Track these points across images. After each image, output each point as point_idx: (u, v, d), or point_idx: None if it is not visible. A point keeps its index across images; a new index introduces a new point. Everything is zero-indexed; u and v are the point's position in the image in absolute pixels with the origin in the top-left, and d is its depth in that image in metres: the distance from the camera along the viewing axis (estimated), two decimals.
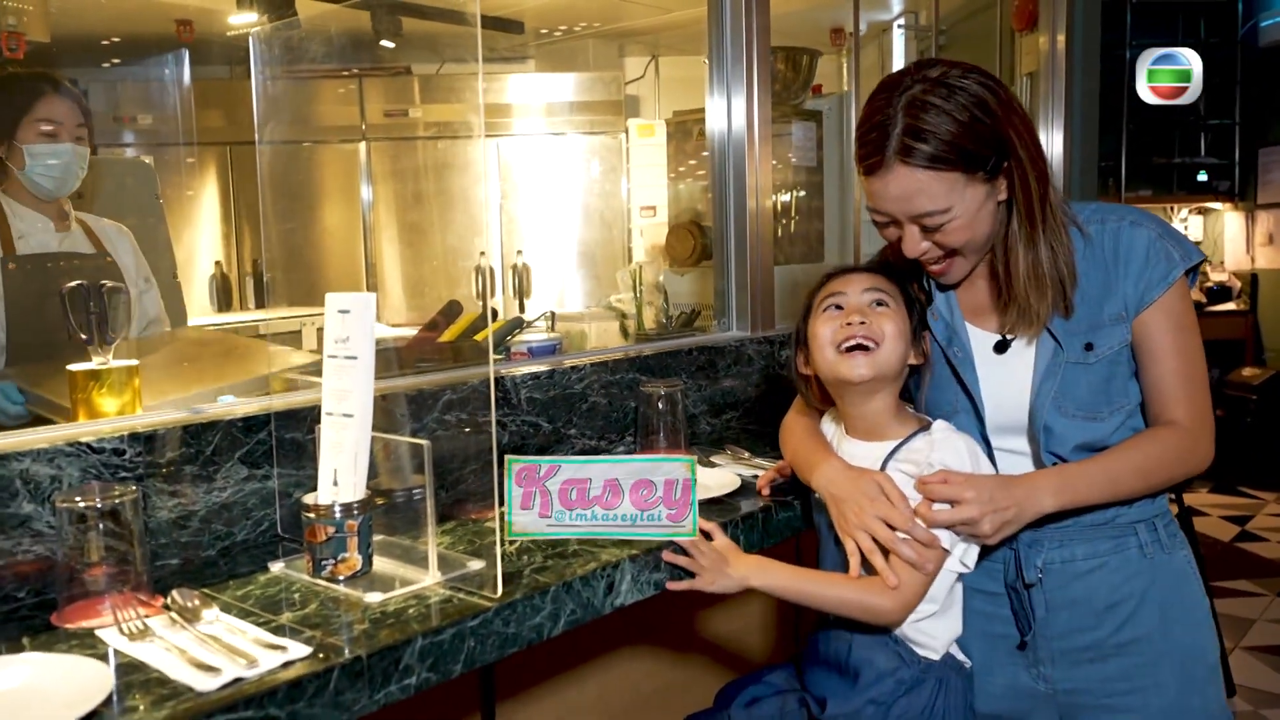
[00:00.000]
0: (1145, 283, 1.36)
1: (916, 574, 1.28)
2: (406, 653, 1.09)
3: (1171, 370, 1.37)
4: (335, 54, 5.02)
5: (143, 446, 1.36)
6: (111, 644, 1.10)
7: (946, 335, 1.45)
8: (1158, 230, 1.39)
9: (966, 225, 1.34)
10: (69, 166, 2.12)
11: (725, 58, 2.28)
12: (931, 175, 1.29)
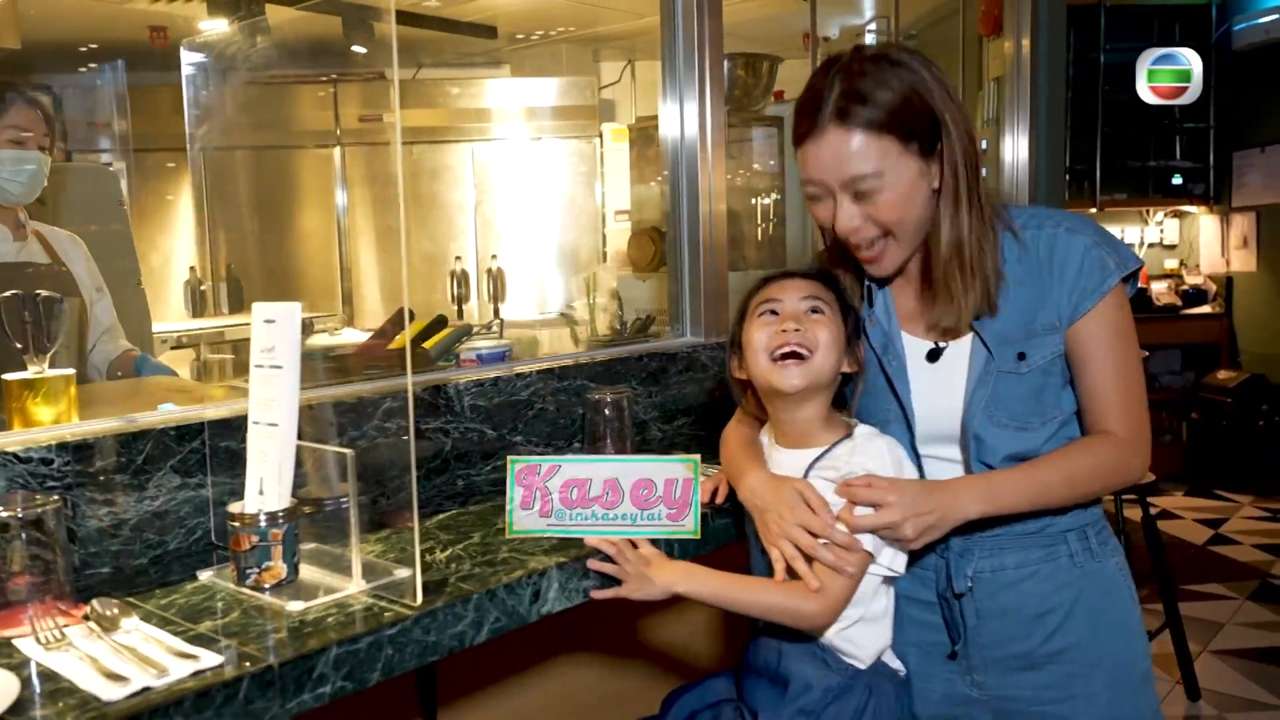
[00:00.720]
0: (1080, 291, 1.35)
1: (839, 578, 1.29)
2: (320, 661, 1.09)
3: (1107, 381, 1.36)
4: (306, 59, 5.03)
5: (72, 456, 1.37)
6: (28, 653, 1.10)
7: (883, 343, 1.44)
8: (1094, 237, 1.38)
9: (900, 199, 1.32)
10: (35, 174, 2.14)
11: (677, 63, 2.30)
12: (866, 137, 1.29)
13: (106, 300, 2.33)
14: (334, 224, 5.37)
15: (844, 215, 1.34)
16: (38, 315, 1.52)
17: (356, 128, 5.35)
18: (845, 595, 1.31)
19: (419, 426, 1.75)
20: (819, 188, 1.36)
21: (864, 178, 1.31)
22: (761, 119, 3.01)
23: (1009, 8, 3.67)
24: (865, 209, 1.33)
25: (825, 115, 1.30)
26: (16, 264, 2.18)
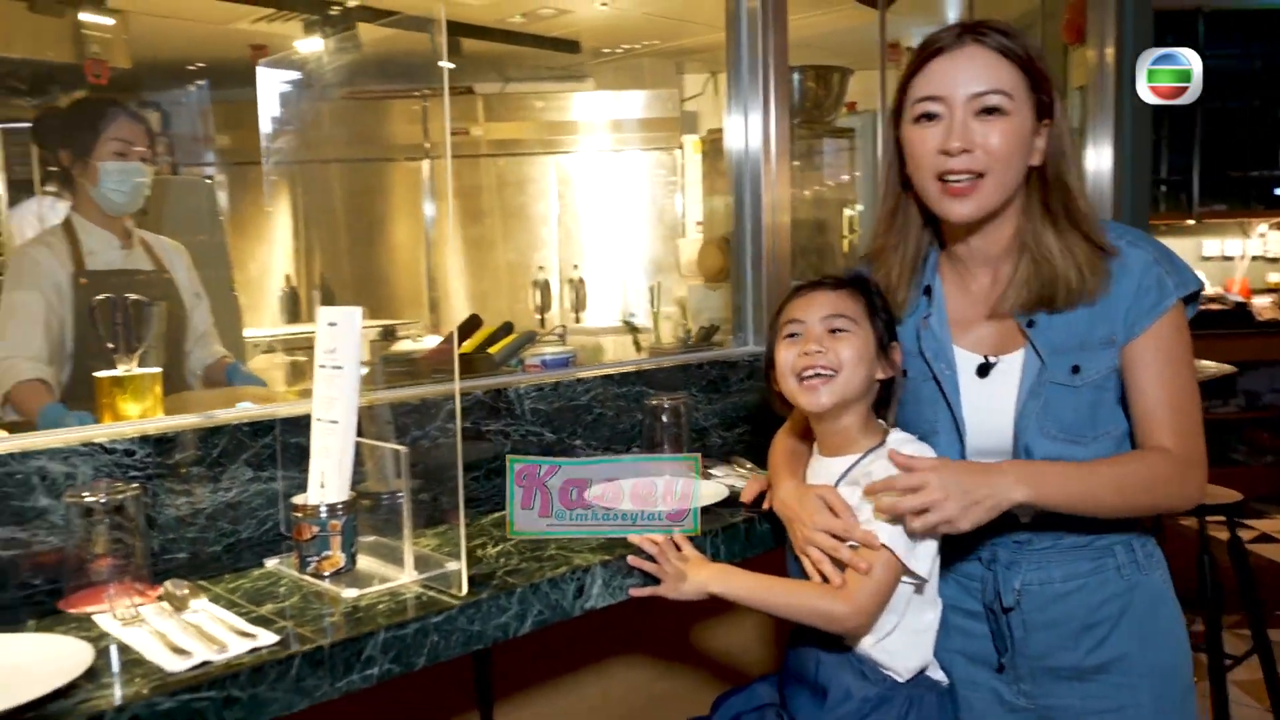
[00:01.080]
0: (1137, 310, 1.35)
1: (866, 580, 1.30)
2: (369, 644, 1.16)
3: (1161, 402, 1.34)
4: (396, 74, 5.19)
5: (154, 448, 1.46)
6: (106, 628, 1.19)
7: (935, 350, 1.44)
8: (1154, 254, 1.37)
9: (1015, 134, 1.32)
10: (139, 185, 2.28)
11: (742, 76, 2.34)
12: (1002, 60, 1.32)
13: (204, 306, 2.46)
14: (422, 234, 5.53)
15: (960, 130, 1.32)
16: (128, 318, 1.64)
17: (444, 141, 5.49)
18: (876, 599, 1.32)
19: (480, 428, 1.82)
20: (940, 104, 1.34)
21: (995, 94, 1.31)
22: (833, 131, 3.02)
23: (1092, 15, 3.60)
24: (983, 131, 1.32)
25: (963, 36, 1.33)
26: (124, 270, 2.33)
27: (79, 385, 2.19)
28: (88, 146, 2.23)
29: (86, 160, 2.23)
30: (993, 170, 1.33)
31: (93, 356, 2.23)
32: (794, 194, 3.12)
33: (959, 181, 1.34)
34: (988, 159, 1.33)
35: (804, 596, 1.34)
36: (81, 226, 2.29)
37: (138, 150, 2.28)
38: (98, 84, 4.53)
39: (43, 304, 2.17)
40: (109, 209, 2.27)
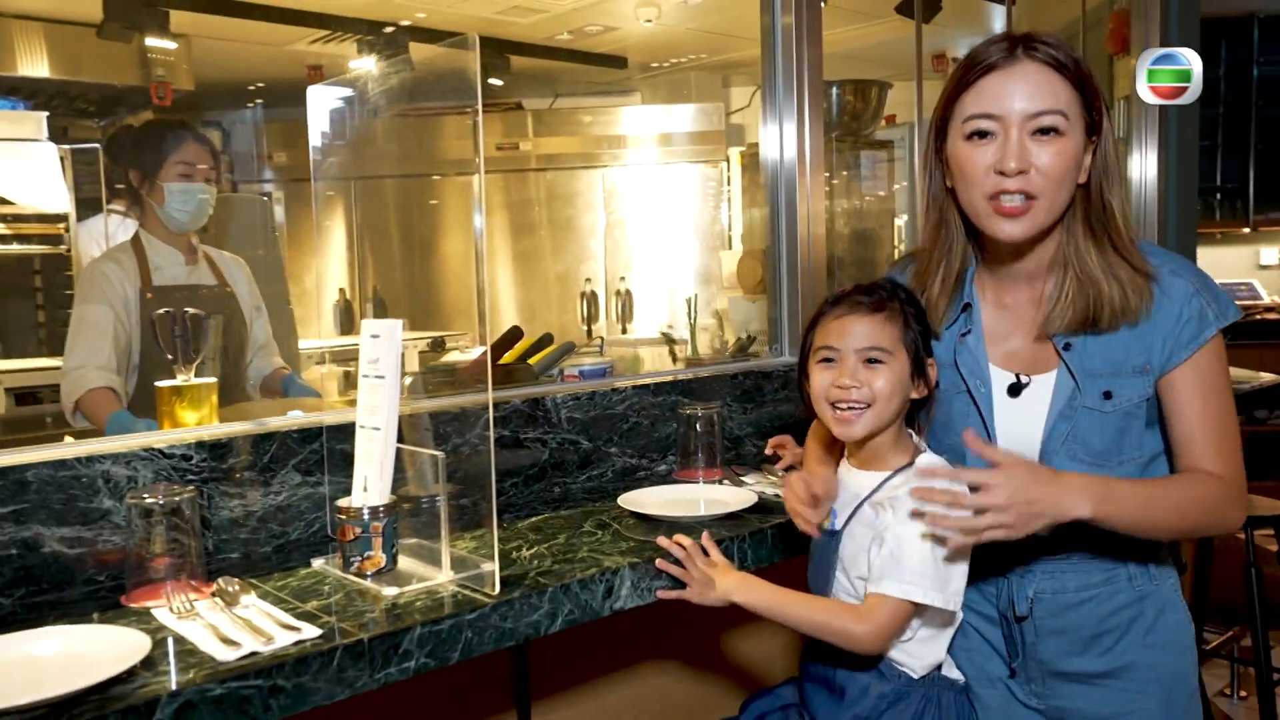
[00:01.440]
0: (1176, 341, 1.34)
1: (886, 603, 1.33)
2: (406, 639, 1.22)
3: (1204, 429, 1.35)
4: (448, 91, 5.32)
5: (209, 453, 1.55)
6: (162, 620, 1.27)
7: (971, 366, 1.45)
8: (1195, 284, 1.36)
9: (1069, 155, 1.31)
10: (202, 203, 2.40)
11: (777, 90, 2.38)
12: (1057, 77, 1.30)
13: (264, 319, 2.57)
14: (472, 247, 5.64)
15: (1016, 150, 1.30)
16: (186, 330, 1.73)
17: (495, 155, 5.61)
18: (893, 623, 1.34)
19: (519, 436, 1.88)
20: (994, 123, 1.32)
21: (1051, 114, 1.30)
22: (871, 143, 3.06)
23: (1136, 25, 3.60)
24: (1036, 155, 1.31)
25: (1017, 50, 1.31)
26: (188, 285, 2.44)
27: (144, 395, 2.31)
28: (155, 168, 2.34)
29: (153, 180, 2.35)
30: (1046, 192, 1.32)
31: (157, 367, 2.35)
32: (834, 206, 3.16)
33: (1011, 201, 1.33)
34: (1043, 181, 1.31)
35: (824, 615, 1.38)
36: (149, 243, 2.41)
37: (202, 171, 2.39)
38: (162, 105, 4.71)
39: (111, 317, 2.28)
40: (174, 227, 2.39)
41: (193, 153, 2.39)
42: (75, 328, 2.31)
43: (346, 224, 5.69)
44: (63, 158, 4.23)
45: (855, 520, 1.43)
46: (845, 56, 4.85)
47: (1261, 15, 5.87)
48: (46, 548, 1.41)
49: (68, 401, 2.22)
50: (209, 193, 2.41)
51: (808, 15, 2.40)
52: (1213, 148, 6.02)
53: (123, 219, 4.15)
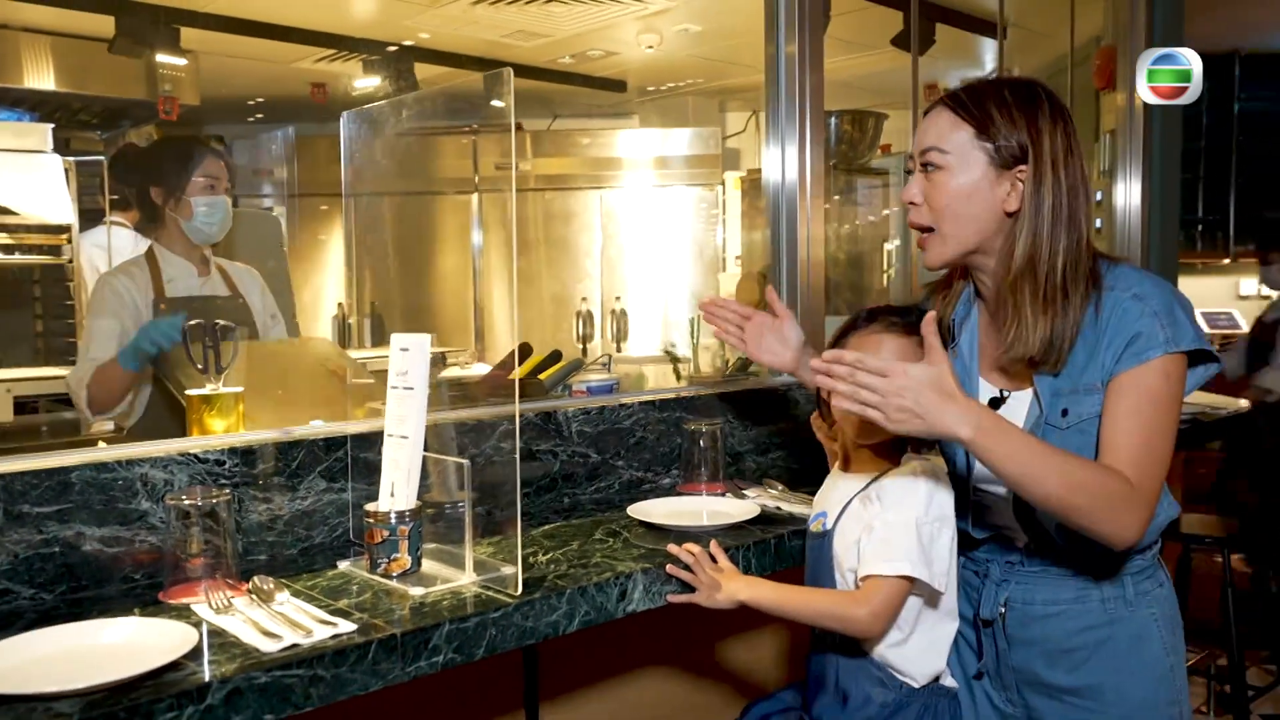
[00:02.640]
0: (1122, 354, 1.38)
1: (881, 585, 1.42)
2: (435, 634, 1.30)
3: (1129, 433, 1.36)
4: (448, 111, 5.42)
5: (240, 459, 1.62)
6: (202, 615, 1.34)
7: (962, 377, 1.50)
8: (1155, 307, 1.39)
9: (954, 188, 1.41)
10: (226, 217, 2.48)
11: (780, 116, 2.48)
12: (950, 117, 1.44)
13: (280, 327, 2.64)
14: (470, 265, 5.72)
15: (910, 183, 1.47)
16: (215, 341, 1.80)
17: (493, 175, 5.70)
18: (889, 605, 1.43)
19: (531, 448, 1.96)
20: (911, 162, 1.49)
21: (931, 150, 1.44)
22: (867, 171, 3.16)
23: (1122, 61, 3.72)
24: (925, 186, 1.45)
25: (940, 99, 1.47)
26: (203, 297, 2.51)
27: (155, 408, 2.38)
28: (181, 184, 2.42)
29: (179, 196, 2.42)
30: (938, 224, 1.45)
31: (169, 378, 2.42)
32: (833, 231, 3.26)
33: (920, 234, 1.49)
34: (931, 214, 1.45)
35: (824, 603, 1.47)
36: (163, 256, 2.48)
37: (223, 185, 2.47)
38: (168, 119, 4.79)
39: (118, 330, 2.34)
40: (199, 239, 2.46)
41: (214, 167, 2.46)
42: (85, 339, 2.38)
43: (345, 240, 5.77)
44: (66, 170, 4.30)
45: (845, 517, 1.52)
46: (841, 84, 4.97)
47: (1243, 53, 6.03)
48: (87, 546, 1.48)
49: (80, 391, 2.28)
50: (229, 207, 2.49)
51: (810, 45, 2.50)
52: (1194, 180, 6.17)
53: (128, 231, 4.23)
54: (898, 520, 1.44)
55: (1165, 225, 3.80)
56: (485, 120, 5.58)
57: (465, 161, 5.70)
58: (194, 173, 2.39)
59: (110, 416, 2.36)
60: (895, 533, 1.43)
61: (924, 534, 1.43)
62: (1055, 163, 1.41)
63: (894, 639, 1.49)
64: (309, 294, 5.66)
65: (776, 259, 2.51)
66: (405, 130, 2.14)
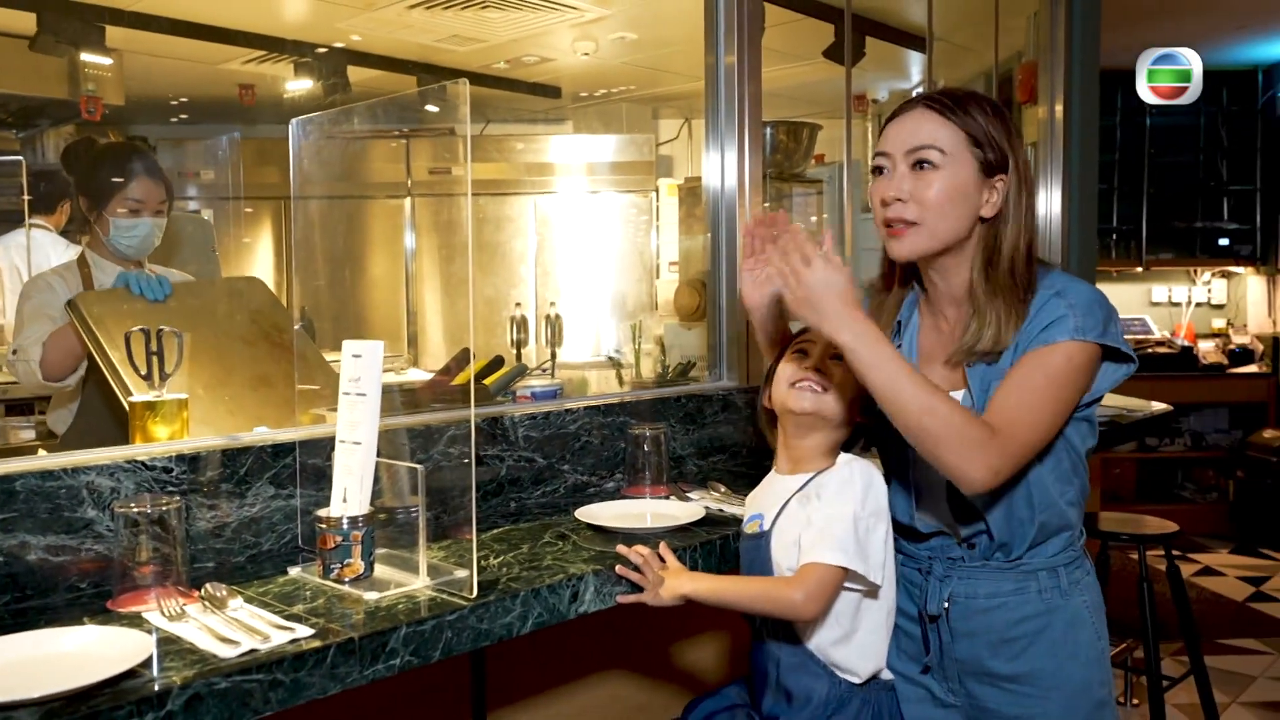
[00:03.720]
0: (1029, 337, 1.46)
1: (816, 569, 1.47)
2: (393, 638, 1.31)
3: (1011, 393, 1.44)
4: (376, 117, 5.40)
5: (188, 466, 1.61)
6: (154, 623, 1.34)
7: None
8: (1072, 301, 1.46)
9: (947, 188, 1.47)
10: (147, 238, 2.42)
11: (719, 124, 2.53)
12: (942, 121, 1.49)
13: None
14: (402, 270, 5.68)
15: (895, 180, 1.50)
16: (160, 346, 1.79)
17: (426, 180, 5.67)
18: (825, 587, 1.48)
19: (479, 453, 1.98)
20: (885, 159, 1.52)
21: (928, 149, 1.48)
22: (802, 180, 3.23)
23: (1043, 76, 3.86)
24: (915, 184, 1.49)
25: (917, 101, 1.52)
26: None
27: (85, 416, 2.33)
28: (104, 200, 2.37)
29: (100, 211, 2.38)
30: (924, 219, 1.50)
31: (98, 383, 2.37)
32: None
33: (897, 225, 1.52)
34: (919, 209, 1.49)
35: (763, 587, 1.54)
36: (95, 262, 2.44)
37: (151, 205, 2.40)
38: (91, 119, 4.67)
39: (58, 310, 2.27)
40: (119, 256, 2.42)
41: (142, 189, 2.39)
42: (21, 319, 2.32)
43: (274, 244, 5.68)
44: None
45: (782, 518, 1.58)
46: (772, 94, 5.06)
47: None
48: (32, 555, 1.46)
49: (31, 365, 2.23)
50: (157, 226, 2.43)
51: (749, 55, 2.56)
52: (1109, 191, 6.40)
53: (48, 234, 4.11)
54: (835, 514, 1.51)
55: (1084, 234, 3.95)
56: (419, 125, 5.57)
57: (398, 166, 5.66)
58: (118, 193, 2.35)
59: (64, 385, 2.30)
60: (833, 525, 1.50)
61: (860, 527, 1.50)
62: (1025, 173, 1.53)
63: (836, 636, 1.55)
64: None
65: (716, 264, 2.56)
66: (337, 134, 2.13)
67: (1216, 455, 6.41)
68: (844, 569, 1.48)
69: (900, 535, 1.64)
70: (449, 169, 5.63)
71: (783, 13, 3.61)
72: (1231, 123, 6.39)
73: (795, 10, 3.63)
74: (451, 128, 5.80)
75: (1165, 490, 6.47)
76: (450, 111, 5.63)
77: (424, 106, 5.27)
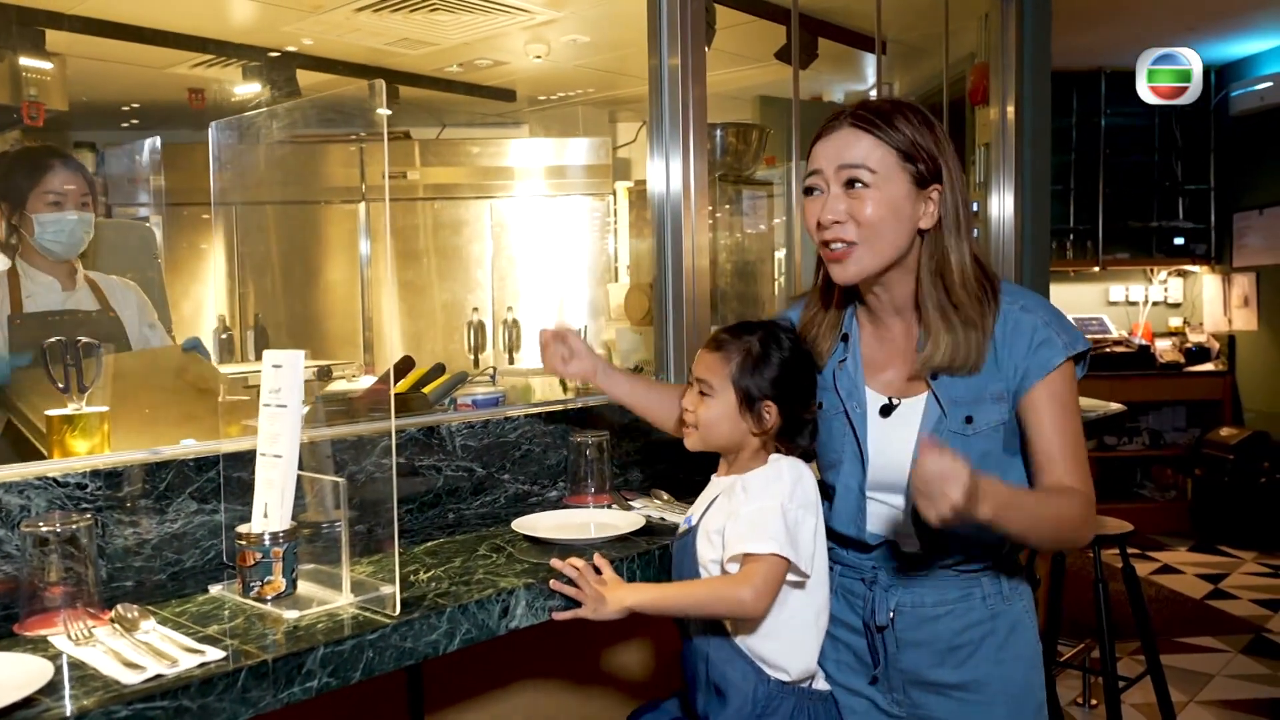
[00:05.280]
0: (1028, 367, 1.48)
1: (760, 565, 1.45)
2: (309, 659, 1.26)
3: (1060, 446, 1.47)
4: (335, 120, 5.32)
5: (104, 482, 1.56)
6: (61, 648, 1.28)
7: (849, 389, 1.59)
8: (1045, 317, 1.50)
9: (882, 205, 1.46)
10: (74, 232, 2.35)
11: (664, 127, 2.49)
12: (872, 139, 1.47)
13: (160, 334, 2.55)
14: (357, 276, 5.61)
15: (830, 202, 1.48)
16: (78, 358, 1.73)
17: (381, 184, 5.60)
18: (770, 583, 1.47)
19: (414, 464, 1.93)
20: (818, 178, 1.51)
21: (859, 168, 1.46)
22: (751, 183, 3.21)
23: (995, 78, 3.86)
24: (850, 204, 1.47)
25: (843, 119, 1.50)
26: (63, 310, 2.40)
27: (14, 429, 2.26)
28: (23, 198, 2.30)
29: (22, 212, 2.31)
30: (863, 238, 1.48)
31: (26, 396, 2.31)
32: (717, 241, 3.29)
33: (836, 248, 1.50)
34: (857, 229, 1.48)
35: (706, 590, 1.52)
36: (25, 272, 2.37)
37: (74, 196, 2.33)
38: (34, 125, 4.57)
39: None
40: (48, 256, 2.35)
41: (60, 180, 2.32)
42: None
43: (228, 250, 5.59)
44: None
45: (709, 513, 1.58)
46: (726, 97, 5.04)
47: (1108, 70, 6.33)
48: None
49: None
50: (84, 219, 2.36)
51: (693, 58, 2.53)
52: (1065, 192, 6.44)
53: None
54: (764, 505, 1.51)
55: (1037, 234, 3.95)
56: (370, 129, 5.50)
57: (352, 170, 5.59)
58: (35, 188, 2.28)
59: None
60: (763, 516, 1.49)
61: (790, 518, 1.50)
62: (955, 180, 1.51)
63: (762, 629, 1.52)
64: (189, 306, 5.46)
65: (662, 269, 2.53)
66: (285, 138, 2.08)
67: (1174, 453, 6.47)
68: (784, 559, 1.47)
69: (842, 546, 1.61)
70: (404, 173, 5.57)
71: (734, 14, 3.59)
72: (1185, 123, 6.45)
73: (746, 12, 3.61)
74: (407, 131, 5.75)
75: (1124, 489, 6.51)
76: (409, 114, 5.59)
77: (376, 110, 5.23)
